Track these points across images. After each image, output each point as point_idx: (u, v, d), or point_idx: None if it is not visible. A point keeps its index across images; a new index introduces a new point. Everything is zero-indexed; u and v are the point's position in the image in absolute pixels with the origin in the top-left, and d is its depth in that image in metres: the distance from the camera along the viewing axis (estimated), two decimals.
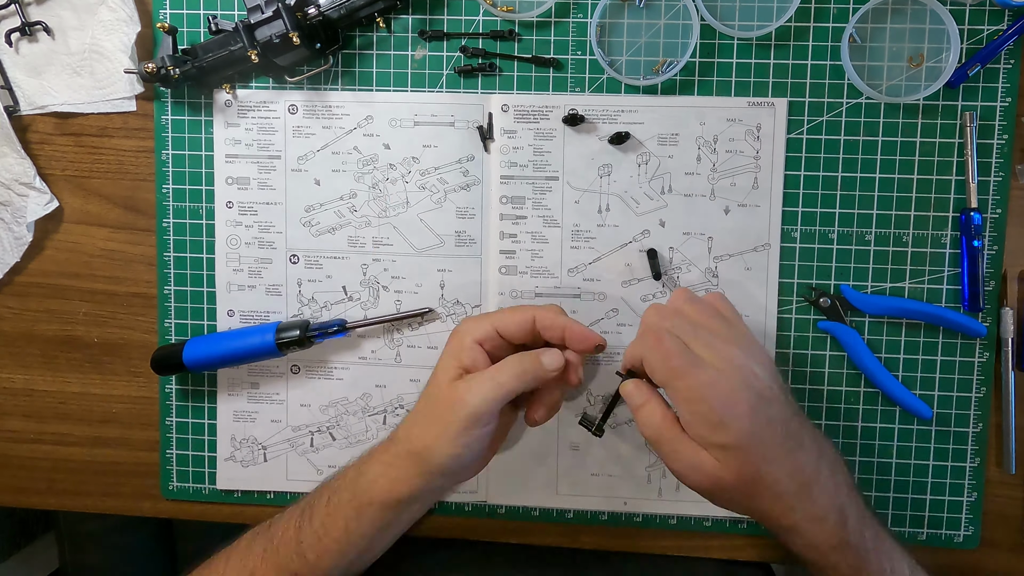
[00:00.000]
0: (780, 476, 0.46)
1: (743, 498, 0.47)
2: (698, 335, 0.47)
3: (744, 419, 0.44)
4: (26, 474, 0.65)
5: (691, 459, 0.46)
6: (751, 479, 0.45)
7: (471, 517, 0.62)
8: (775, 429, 0.45)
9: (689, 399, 0.45)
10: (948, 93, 0.56)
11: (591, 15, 0.57)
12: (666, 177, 0.58)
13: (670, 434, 0.46)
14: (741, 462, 0.45)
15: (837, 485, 0.47)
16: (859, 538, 0.47)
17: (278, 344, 0.58)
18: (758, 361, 0.47)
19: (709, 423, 0.45)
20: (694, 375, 0.45)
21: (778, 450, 0.46)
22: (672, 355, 0.46)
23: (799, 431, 0.47)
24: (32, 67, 0.61)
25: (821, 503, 0.47)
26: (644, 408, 0.48)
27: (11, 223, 0.62)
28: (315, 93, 0.59)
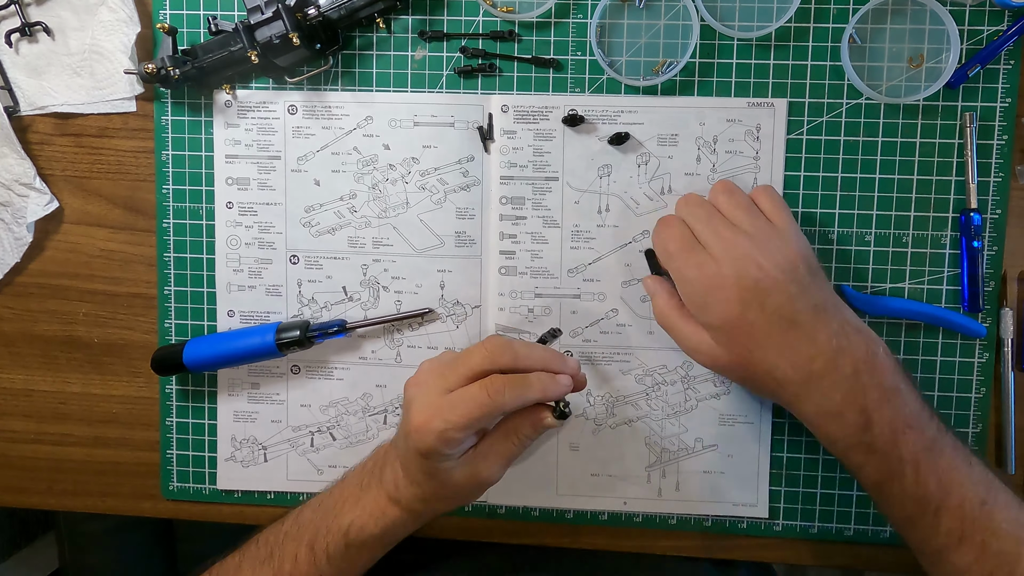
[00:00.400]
0: (778, 362, 0.48)
1: (747, 379, 0.51)
2: (710, 223, 0.51)
3: (730, 303, 0.48)
4: (26, 474, 0.65)
5: (692, 339, 0.51)
6: (744, 361, 0.49)
7: (471, 517, 0.62)
8: (769, 317, 0.47)
9: (680, 280, 0.51)
10: (948, 94, 0.56)
11: (591, 15, 0.57)
12: (666, 177, 0.58)
13: (674, 316, 0.52)
14: (729, 343, 0.49)
15: (861, 385, 0.46)
16: (890, 445, 0.46)
17: (278, 344, 0.58)
18: (772, 253, 0.49)
19: (696, 304, 0.50)
20: (685, 258, 0.50)
21: (772, 337, 0.48)
22: (671, 239, 0.51)
23: (812, 322, 0.48)
24: (32, 67, 0.61)
25: (833, 399, 0.46)
26: (655, 297, 0.54)
27: (11, 223, 0.62)
28: (315, 94, 0.59)
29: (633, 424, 0.60)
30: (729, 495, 0.60)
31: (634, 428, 0.60)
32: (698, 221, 0.51)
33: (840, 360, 0.47)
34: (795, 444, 0.59)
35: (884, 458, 0.46)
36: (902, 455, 0.46)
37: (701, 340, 0.51)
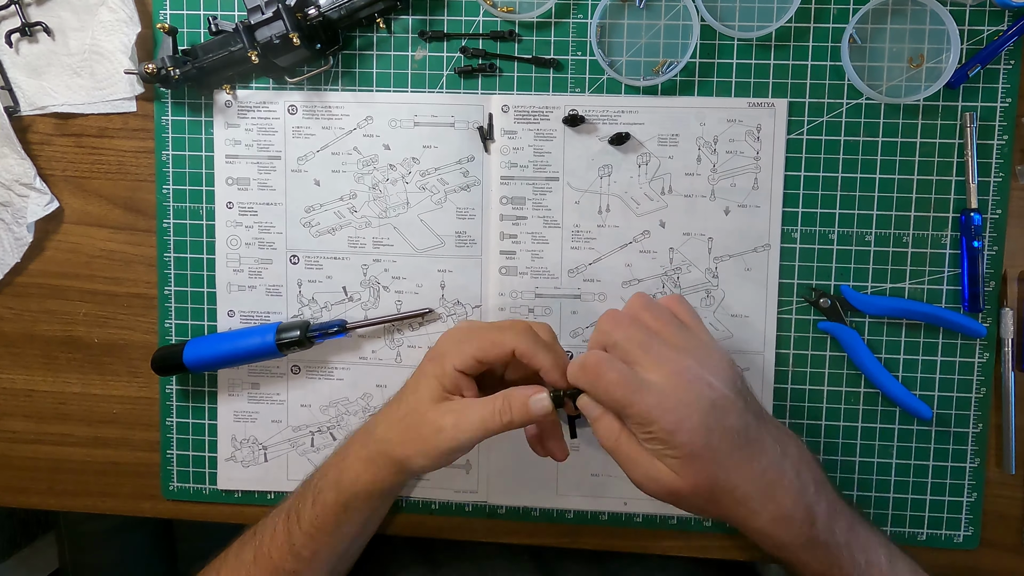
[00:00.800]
0: (739, 482, 0.46)
1: (705, 504, 0.47)
2: (650, 348, 0.46)
3: (695, 432, 0.44)
4: (26, 474, 0.65)
5: (647, 470, 0.46)
6: (708, 487, 0.45)
7: (471, 517, 0.62)
8: (730, 438, 0.45)
9: (639, 423, 0.45)
10: (948, 94, 0.56)
11: (591, 15, 0.57)
12: (666, 178, 0.58)
13: (626, 446, 0.47)
14: (696, 472, 0.45)
15: (803, 484, 0.47)
16: (829, 534, 0.47)
17: (278, 345, 0.58)
18: (713, 369, 0.47)
19: (660, 440, 0.45)
20: (640, 400, 0.45)
21: (734, 458, 0.46)
22: (615, 385, 0.45)
23: (759, 435, 0.47)
24: (32, 68, 0.61)
25: (785, 504, 0.47)
26: (600, 421, 0.48)
27: (11, 224, 0.62)
28: (315, 94, 0.59)
29: None
30: None
31: None
32: (637, 347, 0.46)
33: (785, 464, 0.47)
34: None
35: (826, 549, 0.47)
36: (838, 541, 0.48)
37: (659, 470, 0.46)
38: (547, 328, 0.52)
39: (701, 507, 0.47)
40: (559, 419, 0.54)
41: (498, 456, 0.61)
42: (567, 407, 0.49)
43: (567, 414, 0.54)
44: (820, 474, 0.49)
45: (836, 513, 0.48)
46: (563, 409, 0.50)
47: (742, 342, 0.59)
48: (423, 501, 0.62)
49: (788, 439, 0.49)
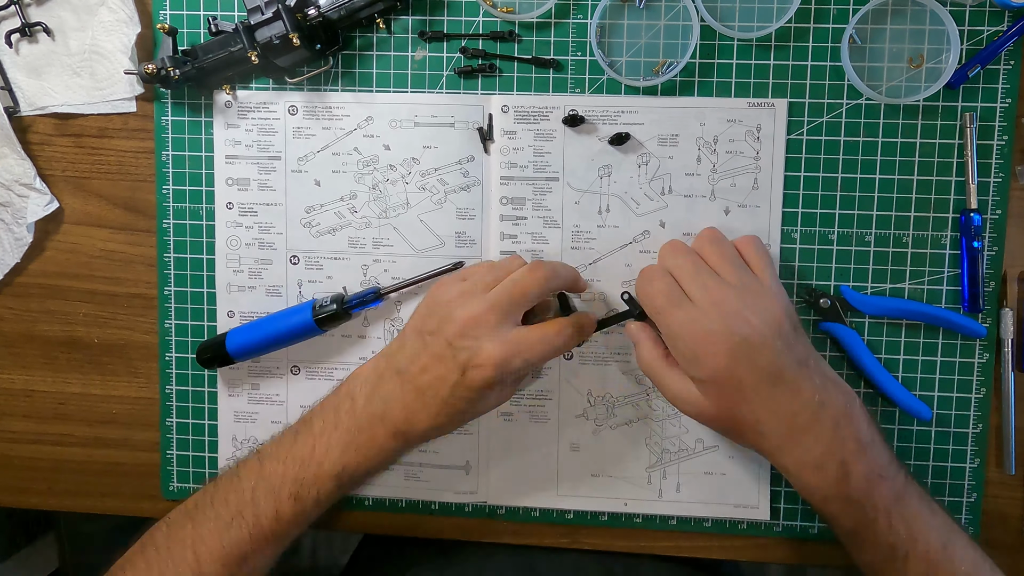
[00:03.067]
0: (763, 416, 0.48)
1: (729, 431, 0.51)
2: (697, 277, 0.51)
3: (719, 357, 0.48)
4: (26, 474, 0.65)
5: (679, 389, 0.51)
6: (729, 415, 0.49)
7: (471, 517, 0.62)
8: (757, 374, 0.48)
9: (669, 335, 0.51)
10: (948, 94, 0.56)
11: (591, 16, 0.57)
12: (666, 178, 0.58)
13: (659, 366, 0.52)
14: (717, 396, 0.49)
15: (842, 439, 0.48)
16: (865, 495, 0.48)
17: (316, 321, 0.58)
18: (759, 308, 0.49)
19: (685, 358, 0.50)
20: (673, 314, 0.50)
21: (760, 393, 0.48)
22: (657, 294, 0.51)
23: (796, 378, 0.49)
24: (32, 68, 0.61)
25: (814, 451, 0.48)
26: (640, 345, 0.54)
27: (11, 224, 0.62)
28: (315, 94, 0.59)
29: (634, 425, 0.60)
30: (730, 496, 0.60)
31: (634, 428, 0.60)
32: (685, 273, 0.51)
33: (822, 414, 0.48)
34: None
35: (859, 508, 0.48)
36: (876, 504, 0.48)
37: (687, 391, 0.50)
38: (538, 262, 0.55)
39: (728, 432, 0.52)
40: None
41: (498, 456, 0.61)
42: None
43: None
44: (869, 435, 0.49)
45: (880, 478, 0.48)
46: None
47: None
48: (423, 501, 0.62)
49: (835, 393, 0.50)
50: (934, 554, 0.48)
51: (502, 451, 0.61)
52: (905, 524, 0.48)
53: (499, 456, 0.61)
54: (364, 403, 0.54)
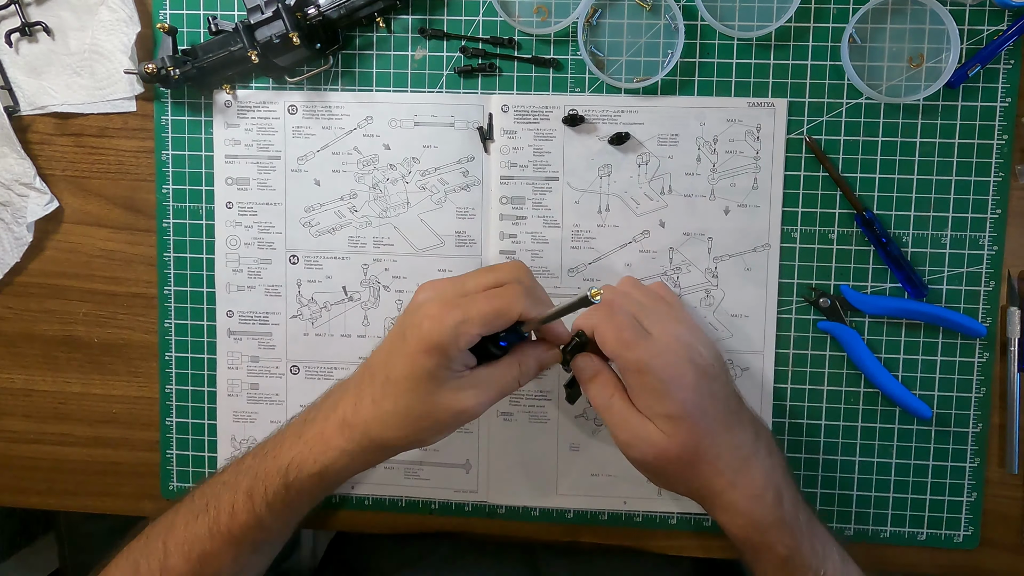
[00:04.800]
0: (720, 451, 0.48)
1: (685, 470, 0.48)
2: (647, 313, 0.50)
3: (688, 390, 0.47)
4: (26, 474, 0.65)
5: (637, 429, 0.48)
6: (693, 450, 0.47)
7: (471, 517, 0.62)
8: (717, 404, 0.48)
9: (638, 370, 0.47)
10: (948, 93, 0.56)
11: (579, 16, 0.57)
12: (666, 177, 0.58)
13: (619, 405, 0.48)
14: (685, 432, 0.47)
15: (774, 466, 0.50)
16: (794, 519, 0.49)
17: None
18: (702, 341, 0.50)
19: (655, 392, 0.47)
20: (642, 347, 0.47)
21: (720, 424, 0.48)
22: (624, 327, 0.48)
23: (739, 409, 0.50)
24: (32, 67, 0.61)
25: (759, 481, 0.48)
26: (595, 380, 0.50)
27: (11, 223, 0.62)
28: (315, 93, 0.59)
29: None
30: None
31: None
32: (640, 309, 0.50)
33: (758, 444, 0.50)
34: (795, 444, 0.59)
35: (790, 532, 0.48)
36: (802, 528, 0.49)
37: (648, 430, 0.47)
38: (527, 271, 0.50)
39: (683, 474, 0.49)
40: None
41: (498, 456, 0.61)
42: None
43: (564, 384, 0.54)
44: (786, 462, 0.52)
45: (799, 502, 0.50)
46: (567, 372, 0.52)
47: (742, 342, 0.59)
48: (423, 501, 0.62)
49: (760, 424, 0.52)
50: (838, 570, 0.49)
51: (502, 451, 0.61)
52: (821, 544, 0.49)
53: (499, 456, 0.61)
54: (324, 400, 0.52)
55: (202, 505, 0.52)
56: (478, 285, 0.48)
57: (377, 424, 0.48)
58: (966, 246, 0.57)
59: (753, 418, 0.52)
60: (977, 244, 0.57)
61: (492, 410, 0.60)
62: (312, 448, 0.50)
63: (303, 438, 0.50)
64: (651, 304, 0.51)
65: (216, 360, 0.62)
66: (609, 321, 0.48)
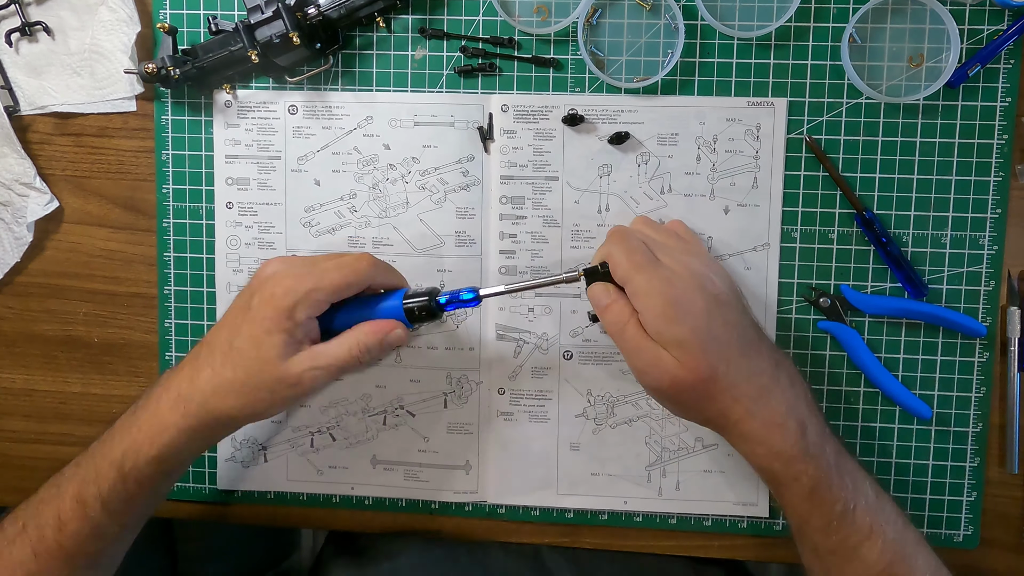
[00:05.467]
0: (736, 379, 0.48)
1: (701, 399, 0.48)
2: (658, 246, 0.51)
3: (699, 316, 0.47)
4: (27, 474, 0.65)
5: (650, 355, 0.48)
6: (707, 377, 0.47)
7: (471, 517, 0.62)
8: (730, 331, 0.48)
9: (648, 292, 0.48)
10: (948, 93, 0.56)
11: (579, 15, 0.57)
12: (666, 177, 0.58)
13: (632, 331, 0.48)
14: (697, 358, 0.47)
15: (796, 396, 0.49)
16: (819, 450, 0.48)
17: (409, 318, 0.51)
18: (716, 272, 0.51)
19: (665, 317, 0.47)
20: (652, 270, 0.48)
21: (733, 351, 0.48)
22: (635, 250, 0.49)
23: (756, 339, 0.50)
24: (32, 67, 0.61)
25: (779, 410, 0.48)
26: (611, 307, 0.50)
27: (11, 223, 0.62)
28: (315, 93, 0.59)
29: (633, 423, 0.60)
30: (729, 494, 0.60)
31: (634, 427, 0.60)
32: (652, 243, 0.51)
33: (779, 374, 0.49)
34: None
35: (816, 464, 0.48)
36: (828, 459, 0.48)
37: (661, 357, 0.47)
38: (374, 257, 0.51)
39: (699, 403, 0.48)
40: None
41: (498, 456, 0.61)
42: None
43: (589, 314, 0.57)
44: (812, 396, 0.51)
45: (826, 435, 0.49)
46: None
47: None
48: (423, 501, 0.62)
49: (782, 355, 0.51)
50: (872, 504, 0.48)
51: (502, 451, 0.61)
52: (850, 477, 0.49)
53: (499, 456, 0.61)
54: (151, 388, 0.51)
55: (16, 529, 0.48)
56: (329, 259, 0.50)
57: (215, 395, 0.48)
58: (966, 246, 0.57)
59: (772, 347, 0.51)
60: (977, 244, 0.57)
61: (492, 410, 0.60)
62: (146, 432, 0.48)
63: (136, 424, 0.49)
64: (664, 239, 0.52)
65: None
66: (621, 245, 0.50)
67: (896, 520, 0.49)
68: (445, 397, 0.61)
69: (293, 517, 0.64)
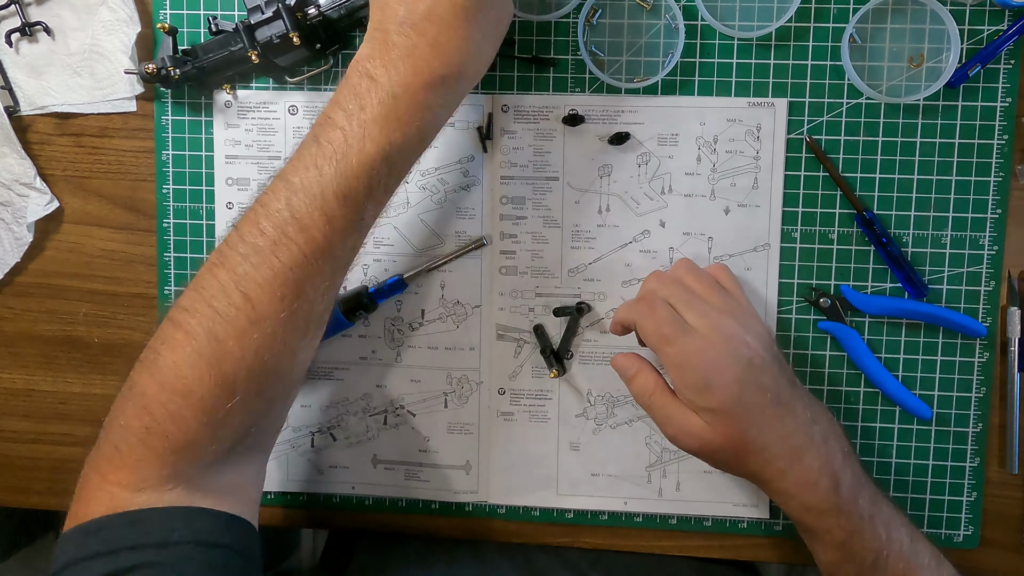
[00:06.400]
0: (769, 441, 0.48)
1: (734, 460, 0.49)
2: (692, 304, 0.50)
3: (731, 385, 0.47)
4: (26, 474, 0.65)
5: (682, 423, 0.49)
6: (739, 442, 0.48)
7: (471, 517, 0.62)
8: (763, 396, 0.48)
9: (678, 364, 0.48)
10: (948, 93, 0.56)
11: (580, 16, 0.57)
12: (666, 177, 0.58)
13: (662, 400, 0.50)
14: (728, 425, 0.48)
15: (830, 452, 0.49)
16: (852, 504, 0.49)
17: (344, 313, 0.58)
18: (752, 331, 0.50)
19: (696, 388, 0.48)
20: (683, 342, 0.48)
21: (766, 416, 0.48)
22: (663, 322, 0.49)
23: (791, 399, 0.49)
24: (32, 67, 0.61)
25: (813, 468, 0.48)
26: (637, 377, 0.51)
27: (11, 223, 0.62)
28: (315, 94, 0.59)
29: (633, 424, 0.60)
30: (730, 495, 0.60)
31: (634, 428, 0.60)
32: (680, 302, 0.50)
33: (813, 431, 0.49)
34: None
35: (848, 517, 0.48)
36: (861, 511, 0.49)
37: (692, 423, 0.49)
38: None
39: (731, 462, 0.50)
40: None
41: (498, 456, 0.61)
42: None
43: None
44: (847, 446, 0.51)
45: (860, 486, 0.50)
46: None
47: None
48: (423, 501, 0.62)
49: (819, 409, 0.51)
50: (906, 550, 0.49)
51: (502, 451, 0.61)
52: (884, 525, 0.49)
53: (499, 456, 0.61)
54: (384, 71, 0.46)
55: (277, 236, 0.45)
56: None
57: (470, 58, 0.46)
58: (966, 246, 0.57)
59: (809, 404, 0.51)
60: (977, 244, 0.57)
61: (492, 410, 0.60)
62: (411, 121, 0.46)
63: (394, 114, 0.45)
64: (702, 292, 0.51)
65: None
66: (649, 316, 0.50)
67: (930, 563, 0.50)
68: (445, 397, 0.61)
69: (293, 517, 0.64)
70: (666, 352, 0.49)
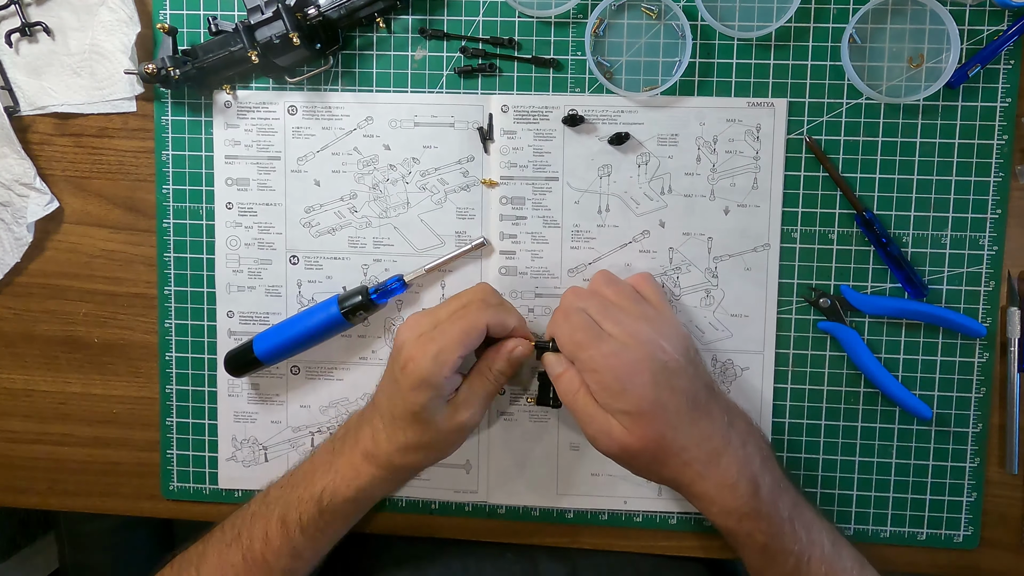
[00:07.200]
0: (686, 443, 0.49)
1: (652, 463, 0.50)
2: (608, 312, 0.51)
3: (645, 387, 0.48)
4: (27, 474, 0.65)
5: (601, 424, 0.50)
6: (656, 445, 0.49)
7: (471, 517, 0.62)
8: (679, 399, 0.49)
9: (594, 368, 0.49)
10: (948, 93, 0.56)
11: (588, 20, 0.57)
12: (666, 177, 0.58)
13: (584, 400, 0.50)
14: (644, 428, 0.48)
15: (748, 455, 0.50)
16: (773, 507, 0.49)
17: (344, 314, 0.58)
18: (668, 336, 0.51)
19: (611, 390, 0.49)
20: (597, 346, 0.49)
21: (683, 418, 0.49)
22: (578, 328, 0.50)
23: (708, 402, 0.51)
24: (32, 68, 0.61)
25: (731, 471, 0.49)
26: (562, 377, 0.52)
27: (11, 224, 0.62)
28: (315, 94, 0.59)
29: None
30: None
31: None
32: (597, 312, 0.51)
33: (731, 435, 0.50)
34: (795, 444, 0.59)
35: (768, 520, 0.49)
36: (782, 514, 0.49)
37: (612, 426, 0.49)
38: (490, 289, 0.55)
39: (650, 467, 0.50)
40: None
41: (498, 456, 0.61)
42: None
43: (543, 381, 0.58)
44: (767, 450, 0.52)
45: (780, 489, 0.50)
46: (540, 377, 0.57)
47: (742, 342, 0.59)
48: (423, 501, 0.62)
49: (736, 413, 0.53)
50: (828, 554, 0.50)
51: (502, 451, 0.61)
52: (805, 529, 0.50)
53: (499, 456, 0.61)
54: (346, 432, 0.56)
55: (233, 534, 0.55)
56: (448, 312, 0.53)
57: (397, 454, 0.53)
58: (966, 246, 0.57)
59: (727, 408, 0.52)
60: (977, 244, 0.57)
61: (492, 410, 0.60)
62: (344, 476, 0.54)
63: (334, 467, 0.54)
64: (619, 302, 0.53)
65: (216, 360, 0.62)
66: (564, 324, 0.51)
67: (852, 567, 0.50)
68: None
69: None
70: (580, 357, 0.50)
